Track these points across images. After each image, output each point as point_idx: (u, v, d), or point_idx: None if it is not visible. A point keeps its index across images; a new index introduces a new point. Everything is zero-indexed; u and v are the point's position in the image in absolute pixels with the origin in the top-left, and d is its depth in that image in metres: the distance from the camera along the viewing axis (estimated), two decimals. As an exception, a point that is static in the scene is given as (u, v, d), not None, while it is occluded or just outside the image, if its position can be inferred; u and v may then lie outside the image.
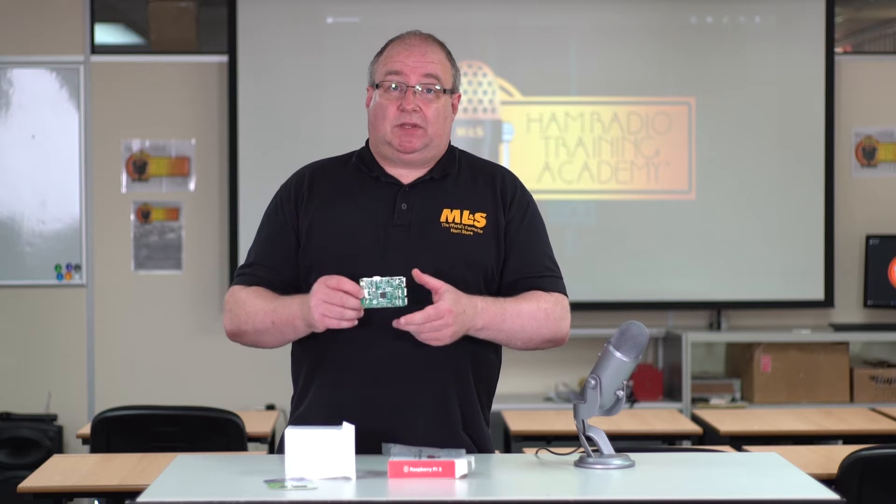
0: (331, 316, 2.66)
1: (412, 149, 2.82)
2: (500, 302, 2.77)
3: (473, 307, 2.71)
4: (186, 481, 2.50)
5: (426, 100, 2.81)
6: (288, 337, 2.81)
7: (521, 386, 6.51)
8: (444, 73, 2.84)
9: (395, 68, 2.81)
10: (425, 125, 2.81)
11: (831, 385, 6.38)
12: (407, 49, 2.83)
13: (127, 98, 6.55)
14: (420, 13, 6.42)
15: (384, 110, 2.82)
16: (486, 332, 2.76)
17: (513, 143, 6.53)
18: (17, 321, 6.52)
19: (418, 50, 2.83)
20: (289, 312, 2.75)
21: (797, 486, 2.44)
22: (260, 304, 2.80)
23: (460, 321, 2.68)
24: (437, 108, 2.82)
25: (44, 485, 3.83)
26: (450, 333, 2.68)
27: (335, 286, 2.65)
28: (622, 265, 6.53)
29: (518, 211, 2.88)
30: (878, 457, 3.74)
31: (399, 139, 2.81)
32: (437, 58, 2.84)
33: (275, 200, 2.92)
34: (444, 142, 2.88)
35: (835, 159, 6.58)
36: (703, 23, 6.57)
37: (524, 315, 2.78)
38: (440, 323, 2.66)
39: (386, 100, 2.82)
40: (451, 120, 2.89)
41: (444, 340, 2.68)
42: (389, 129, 2.82)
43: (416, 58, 2.82)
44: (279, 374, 4.31)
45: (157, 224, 6.56)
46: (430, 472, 2.43)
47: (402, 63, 2.81)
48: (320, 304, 2.66)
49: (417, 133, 2.81)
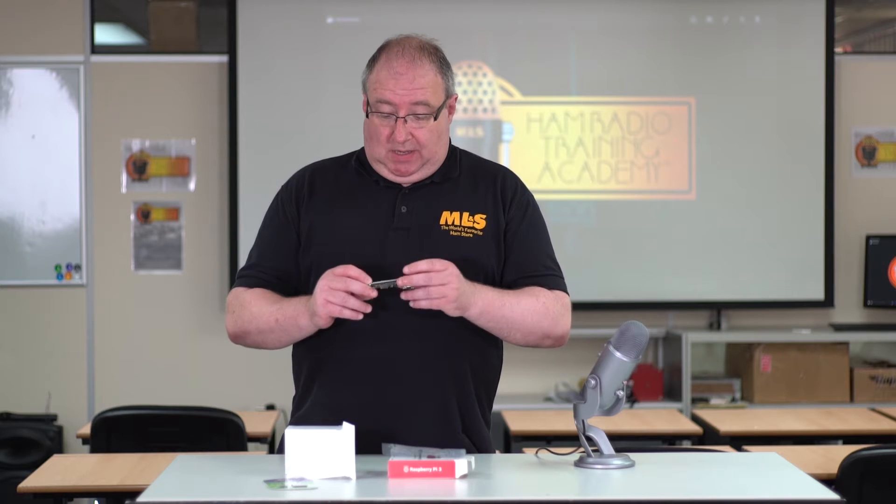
0: (334, 301, 2.65)
1: (408, 172, 2.82)
2: (500, 290, 2.77)
3: (473, 287, 2.71)
4: (186, 481, 2.51)
5: (417, 125, 2.79)
6: (293, 336, 2.80)
7: (521, 386, 6.51)
8: (434, 95, 2.79)
9: (384, 97, 2.77)
10: (419, 148, 2.80)
11: (831, 385, 6.38)
12: (395, 78, 2.77)
13: (127, 98, 6.55)
14: (420, 13, 6.42)
15: (378, 132, 2.80)
16: (485, 317, 2.74)
17: (513, 143, 6.53)
18: (17, 321, 6.52)
19: (406, 78, 2.77)
20: (294, 309, 2.75)
21: (797, 486, 2.44)
22: (264, 304, 2.80)
23: (461, 289, 2.66)
24: (430, 129, 2.80)
25: (44, 485, 3.83)
26: (455, 288, 2.65)
27: (341, 273, 2.66)
28: (622, 265, 6.53)
29: (518, 211, 2.87)
30: (878, 457, 3.74)
31: (394, 165, 2.81)
32: (426, 80, 2.78)
33: (275, 201, 2.92)
34: (441, 154, 2.87)
35: (835, 159, 6.58)
36: (703, 23, 6.57)
37: (523, 305, 2.77)
38: (446, 274, 2.64)
39: (379, 123, 2.80)
40: (449, 122, 2.87)
41: (449, 296, 2.65)
42: (384, 153, 2.81)
43: (403, 86, 2.77)
44: (279, 374, 4.32)
45: (157, 224, 6.56)
46: (430, 472, 2.43)
47: (391, 92, 2.77)
48: (325, 289, 2.66)
49: (412, 157, 2.80)
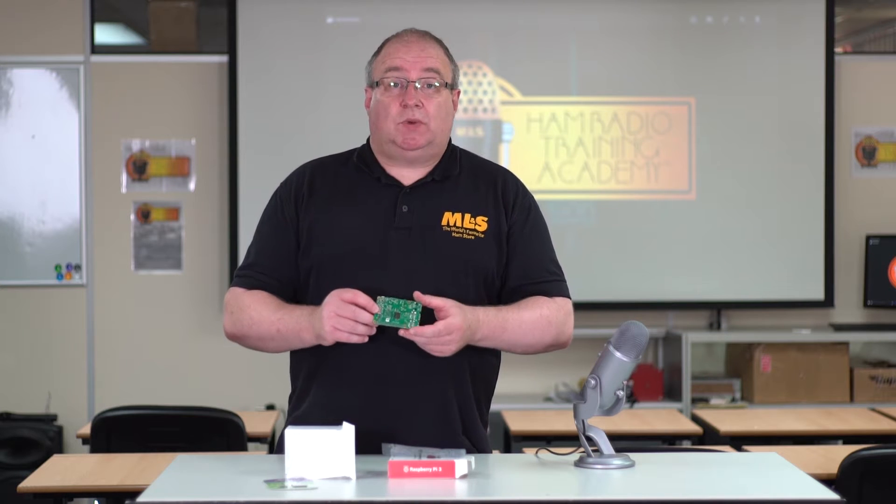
0: (342, 329, 2.65)
1: (416, 146, 2.80)
2: (502, 311, 2.76)
3: (476, 320, 2.71)
4: (186, 481, 2.50)
5: (427, 94, 2.80)
6: (293, 346, 2.80)
7: (521, 386, 6.51)
8: (443, 68, 2.84)
9: (394, 64, 2.80)
10: (428, 120, 2.80)
11: (831, 385, 6.37)
12: (405, 45, 2.82)
13: (127, 98, 6.54)
14: (420, 13, 6.42)
15: (386, 108, 2.81)
16: (487, 341, 2.76)
17: (513, 143, 6.53)
18: (17, 321, 6.52)
19: (417, 46, 2.82)
20: (296, 323, 2.73)
21: (797, 486, 2.44)
22: (265, 311, 2.78)
23: (464, 335, 2.69)
24: (439, 103, 2.81)
25: (44, 485, 3.83)
26: (454, 348, 2.69)
27: (350, 299, 2.65)
28: (622, 265, 6.52)
29: (521, 215, 2.87)
30: (878, 457, 3.74)
31: (403, 136, 2.80)
32: (435, 52, 2.84)
33: (274, 198, 2.90)
34: (445, 139, 2.87)
35: (835, 159, 6.58)
36: (703, 23, 6.57)
37: (525, 324, 2.77)
38: (448, 339, 2.66)
39: (387, 97, 2.81)
40: (452, 117, 2.88)
41: (446, 354, 2.69)
42: (393, 127, 2.80)
43: (415, 53, 2.81)
44: (279, 374, 4.30)
45: (157, 224, 6.56)
46: (430, 472, 2.43)
47: (401, 59, 2.80)
48: (332, 316, 2.65)
49: (421, 129, 2.80)
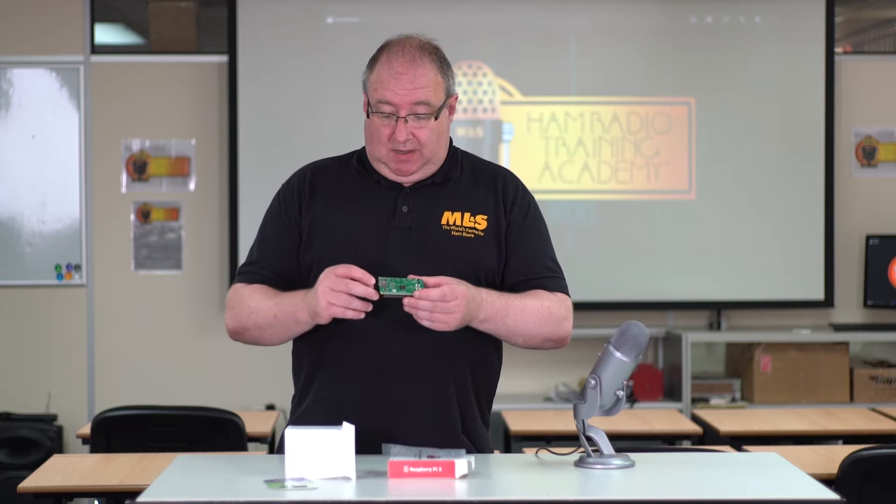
0: (337, 304, 2.65)
1: (409, 172, 2.82)
2: (505, 296, 2.77)
3: (480, 298, 2.71)
4: (186, 481, 2.50)
5: (419, 125, 2.78)
6: (291, 331, 2.80)
7: (521, 386, 6.51)
8: (435, 94, 2.79)
9: (384, 98, 2.77)
10: (420, 147, 2.79)
11: (831, 385, 6.38)
12: (395, 78, 2.77)
13: (127, 98, 6.55)
14: (420, 13, 6.42)
15: (378, 132, 2.80)
16: (489, 324, 2.75)
17: (513, 143, 6.53)
18: (17, 321, 6.52)
19: (406, 78, 2.77)
20: (291, 305, 2.75)
21: (797, 486, 2.44)
22: (262, 299, 2.80)
23: (468, 308, 2.68)
24: (431, 129, 2.80)
25: (44, 485, 3.83)
26: (458, 318, 2.66)
27: (344, 274, 2.65)
28: (622, 265, 6.52)
29: (520, 213, 2.87)
30: (878, 457, 3.74)
31: (395, 164, 2.81)
32: (426, 80, 2.78)
33: (277, 198, 2.92)
34: (442, 154, 2.87)
35: (835, 159, 6.58)
36: (703, 23, 6.57)
37: (528, 311, 2.77)
38: (453, 304, 2.64)
39: (379, 123, 2.80)
40: (449, 122, 2.87)
41: (451, 325, 2.67)
42: (385, 153, 2.81)
43: (404, 86, 2.76)
44: (279, 374, 4.31)
45: (157, 224, 6.56)
46: (430, 472, 2.43)
47: (391, 93, 2.76)
48: (327, 291, 2.65)
49: (413, 157, 2.80)
